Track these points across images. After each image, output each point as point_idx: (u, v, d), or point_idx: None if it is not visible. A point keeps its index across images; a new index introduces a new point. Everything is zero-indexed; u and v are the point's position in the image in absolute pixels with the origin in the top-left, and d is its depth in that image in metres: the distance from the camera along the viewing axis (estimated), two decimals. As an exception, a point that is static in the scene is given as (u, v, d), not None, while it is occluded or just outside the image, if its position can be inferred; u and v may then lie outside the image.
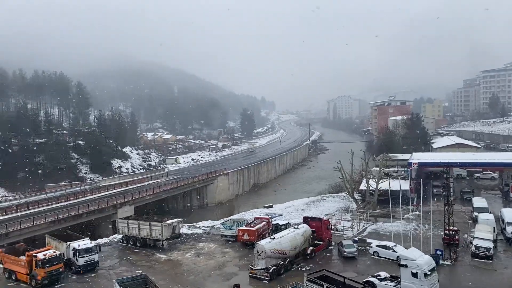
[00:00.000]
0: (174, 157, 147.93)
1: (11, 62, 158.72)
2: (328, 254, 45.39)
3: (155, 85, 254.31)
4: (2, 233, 53.64)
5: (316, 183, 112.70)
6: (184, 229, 57.88)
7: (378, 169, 69.42)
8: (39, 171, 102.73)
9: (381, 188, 64.34)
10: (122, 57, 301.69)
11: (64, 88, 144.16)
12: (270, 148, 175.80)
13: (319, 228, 46.49)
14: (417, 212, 58.35)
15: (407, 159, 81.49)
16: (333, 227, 51.54)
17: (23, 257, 40.22)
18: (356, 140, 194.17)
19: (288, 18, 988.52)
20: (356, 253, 43.53)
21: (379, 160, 76.46)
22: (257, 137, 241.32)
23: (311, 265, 41.38)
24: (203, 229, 59.32)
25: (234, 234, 50.91)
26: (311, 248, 43.90)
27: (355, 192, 69.90)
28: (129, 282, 32.98)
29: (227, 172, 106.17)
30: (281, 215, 62.85)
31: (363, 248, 45.54)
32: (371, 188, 65.84)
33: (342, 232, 53.09)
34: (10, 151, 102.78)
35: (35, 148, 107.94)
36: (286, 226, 50.15)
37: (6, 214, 66.31)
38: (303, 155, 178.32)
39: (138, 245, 51.56)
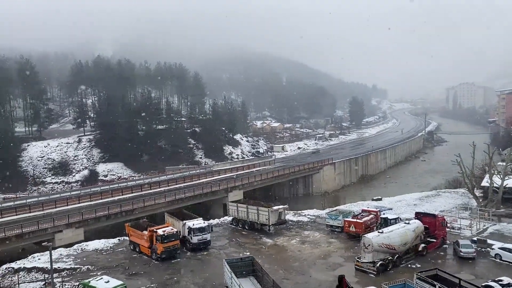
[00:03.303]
0: (281, 145, 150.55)
1: (138, 54, 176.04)
2: (442, 253, 42.36)
3: (265, 75, 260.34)
4: (129, 209, 60.36)
5: (431, 177, 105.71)
6: (290, 216, 58.69)
7: (504, 164, 62.40)
8: (162, 155, 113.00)
9: (507, 186, 58.01)
10: (234, 48, 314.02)
11: (183, 78, 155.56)
12: (381, 139, 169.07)
13: (432, 225, 43.57)
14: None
15: (542, 154, 71.80)
16: (448, 225, 47.87)
17: (145, 232, 44.29)
18: (479, 132, 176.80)
19: (402, 3, 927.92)
20: (474, 254, 39.93)
21: (506, 154, 68.86)
22: (367, 126, 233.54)
23: (423, 263, 39.10)
24: (308, 218, 59.54)
25: (340, 225, 50.20)
26: (422, 245, 41.38)
27: (475, 188, 63.94)
28: (237, 263, 34.37)
29: (333, 161, 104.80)
30: (391, 209, 60.14)
31: (483, 249, 41.61)
32: (495, 185, 59.53)
33: (458, 231, 49.09)
34: (136, 135, 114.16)
35: (157, 133, 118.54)
36: (396, 220, 47.80)
37: (132, 192, 74.39)
38: (417, 146, 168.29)
39: (246, 228, 53.71)
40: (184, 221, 46.97)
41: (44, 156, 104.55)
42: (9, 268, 42.66)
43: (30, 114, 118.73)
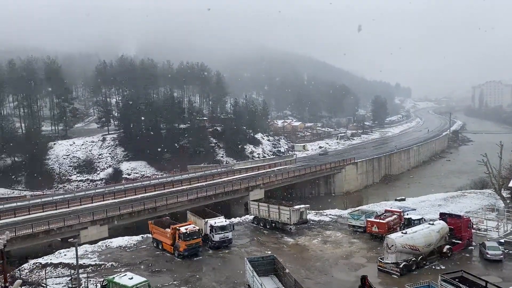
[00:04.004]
0: (302, 144, 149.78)
1: (161, 54, 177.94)
2: (468, 255, 41.46)
3: (286, 73, 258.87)
4: (152, 207, 61.15)
5: (456, 178, 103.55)
6: (311, 216, 58.41)
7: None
8: (184, 154, 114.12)
9: (536, 187, 56.25)
10: (256, 47, 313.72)
11: (205, 78, 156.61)
12: (404, 138, 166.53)
13: (458, 226, 42.62)
14: None
15: None
16: (474, 226, 46.81)
17: (168, 230, 44.78)
18: (507, 131, 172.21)
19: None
20: (501, 256, 38.92)
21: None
22: (390, 125, 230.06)
23: (447, 265, 38.37)
24: (330, 217, 59.17)
25: (363, 225, 49.69)
26: (447, 246, 40.59)
27: (502, 189, 62.26)
28: (259, 261, 34.44)
29: (355, 161, 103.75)
30: (415, 209, 59.24)
31: (511, 251, 40.51)
32: (523, 186, 57.89)
33: (485, 233, 47.94)
34: (159, 134, 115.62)
35: (179, 132, 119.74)
36: (420, 221, 47.08)
37: (155, 190, 75.33)
38: (441, 146, 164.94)
39: (268, 227, 53.74)
40: (206, 219, 47.31)
41: (69, 155, 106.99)
42: (36, 263, 43.90)
43: (56, 113, 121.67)
